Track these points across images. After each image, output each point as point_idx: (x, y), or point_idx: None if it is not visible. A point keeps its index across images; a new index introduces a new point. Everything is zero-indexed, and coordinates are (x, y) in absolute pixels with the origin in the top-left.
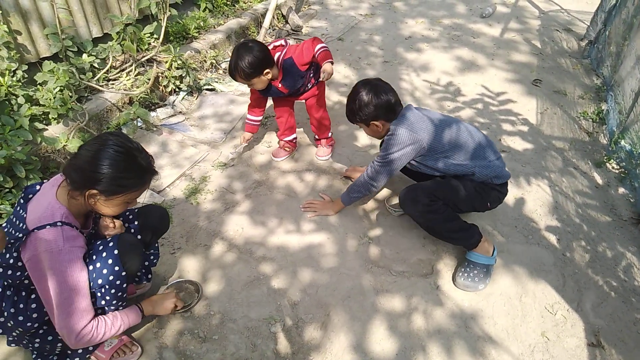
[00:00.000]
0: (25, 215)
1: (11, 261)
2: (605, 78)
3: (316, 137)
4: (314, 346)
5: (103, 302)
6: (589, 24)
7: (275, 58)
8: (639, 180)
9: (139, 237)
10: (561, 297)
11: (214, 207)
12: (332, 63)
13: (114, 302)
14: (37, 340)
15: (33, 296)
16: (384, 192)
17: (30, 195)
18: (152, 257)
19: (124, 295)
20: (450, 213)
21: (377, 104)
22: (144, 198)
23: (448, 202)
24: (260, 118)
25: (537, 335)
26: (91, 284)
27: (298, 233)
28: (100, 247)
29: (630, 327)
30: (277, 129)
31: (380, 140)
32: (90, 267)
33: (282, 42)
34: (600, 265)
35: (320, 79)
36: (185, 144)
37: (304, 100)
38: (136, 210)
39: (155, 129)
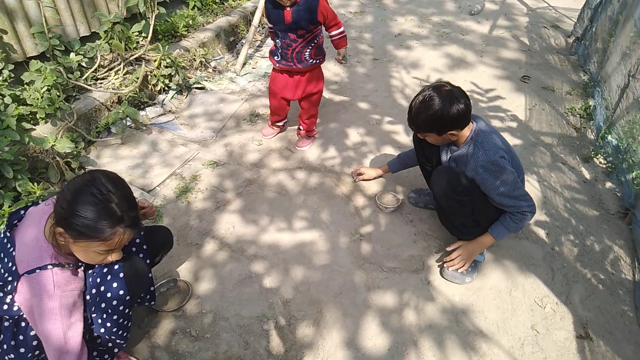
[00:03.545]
0: (12, 252)
1: (7, 300)
2: (592, 74)
3: (300, 127)
4: (306, 343)
5: (103, 330)
6: (575, 21)
7: None
8: (626, 174)
9: (147, 261)
10: (550, 290)
11: (205, 206)
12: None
13: (114, 329)
14: None
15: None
16: (375, 189)
17: (15, 222)
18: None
19: (127, 323)
20: (470, 211)
21: (457, 112)
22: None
23: (475, 205)
24: None
25: (526, 328)
26: (93, 308)
27: (290, 231)
28: (105, 270)
29: (617, 319)
30: (268, 115)
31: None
32: (93, 291)
33: None
34: (589, 258)
35: (340, 62)
36: (175, 143)
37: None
38: (142, 232)
39: (144, 128)
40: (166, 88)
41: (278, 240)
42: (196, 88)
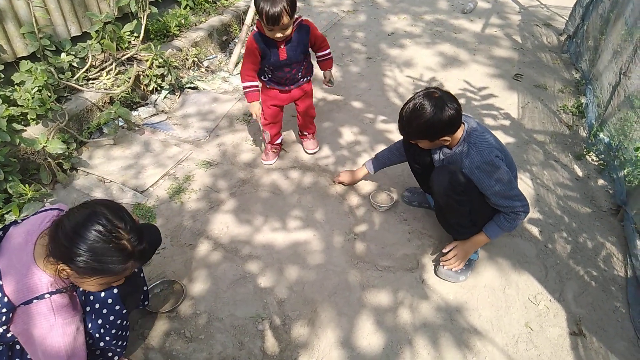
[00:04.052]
0: None
1: (0, 330)
2: (584, 72)
3: (304, 132)
4: (301, 343)
5: (102, 343)
6: (567, 19)
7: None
8: (618, 171)
9: (142, 273)
10: (544, 287)
11: (199, 206)
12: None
13: (114, 341)
14: None
15: None
16: (369, 188)
17: None
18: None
19: (125, 334)
20: (467, 211)
21: (449, 118)
22: (128, 199)
23: (472, 205)
24: (258, 82)
25: (520, 326)
26: (89, 325)
27: (284, 230)
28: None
29: (610, 315)
30: (262, 132)
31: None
32: (88, 308)
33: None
34: (581, 255)
35: (326, 85)
36: (168, 143)
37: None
38: None
39: (137, 128)
40: (158, 88)
41: (272, 240)
42: (189, 88)
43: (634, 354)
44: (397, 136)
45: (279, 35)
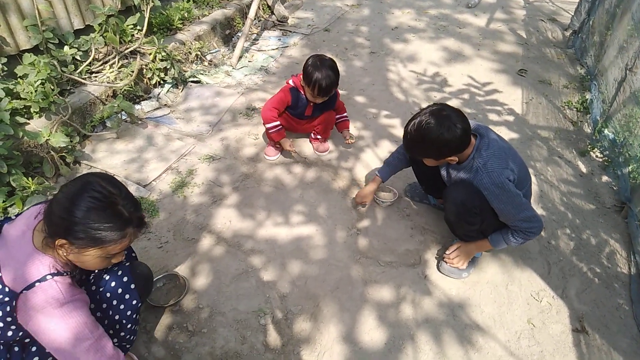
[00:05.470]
0: None
1: (0, 325)
2: (589, 67)
3: (317, 136)
4: (303, 338)
5: (116, 340)
6: (573, 14)
7: None
8: (622, 168)
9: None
10: (546, 284)
11: (201, 200)
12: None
13: (128, 336)
14: None
15: (34, 348)
16: None
17: None
18: None
19: (136, 328)
20: (477, 228)
21: (455, 139)
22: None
23: (483, 222)
24: (279, 122)
25: (523, 322)
26: (106, 322)
27: (287, 225)
28: (113, 283)
29: (613, 312)
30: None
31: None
32: (104, 305)
33: None
34: (585, 252)
35: (347, 142)
36: (171, 137)
37: None
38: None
39: (140, 122)
40: (162, 82)
41: (275, 234)
42: (192, 82)
43: (636, 351)
44: (400, 131)
45: (319, 101)
